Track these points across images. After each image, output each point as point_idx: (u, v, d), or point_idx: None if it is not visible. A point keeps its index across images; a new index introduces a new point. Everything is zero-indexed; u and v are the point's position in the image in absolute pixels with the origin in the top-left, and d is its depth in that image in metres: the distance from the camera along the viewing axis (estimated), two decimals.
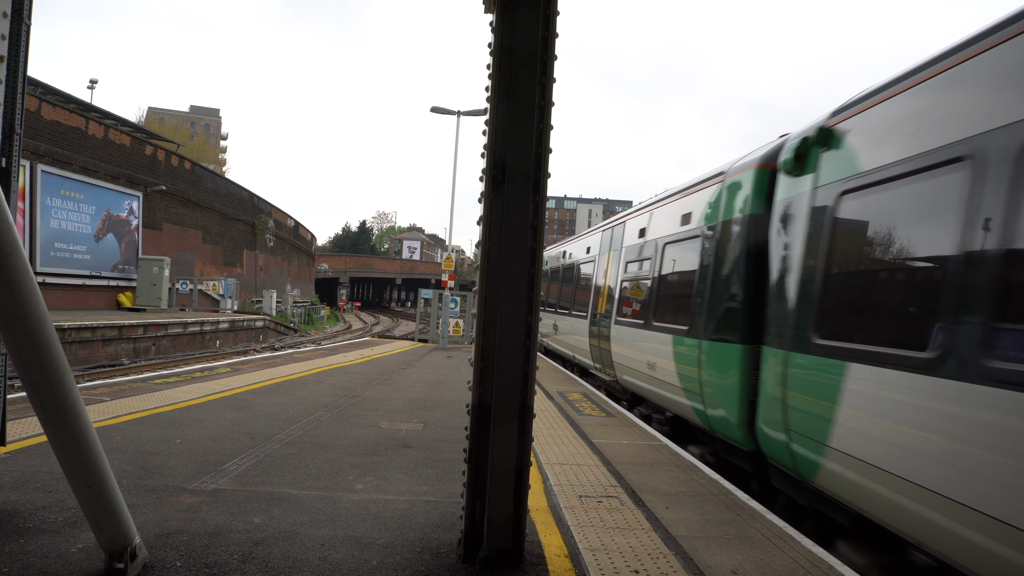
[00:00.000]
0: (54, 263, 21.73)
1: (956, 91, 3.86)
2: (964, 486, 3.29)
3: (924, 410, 3.63)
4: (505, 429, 3.54)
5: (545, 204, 3.60)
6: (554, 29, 3.52)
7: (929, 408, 3.59)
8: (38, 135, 20.85)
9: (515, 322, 3.53)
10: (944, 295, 3.58)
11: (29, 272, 2.71)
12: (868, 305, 4.52)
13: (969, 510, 3.24)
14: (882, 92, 4.55)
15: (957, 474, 3.35)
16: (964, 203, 3.52)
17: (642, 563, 3.76)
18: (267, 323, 29.89)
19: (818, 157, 5.19)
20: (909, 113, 4.26)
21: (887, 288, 4.39)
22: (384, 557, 3.69)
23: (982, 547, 3.19)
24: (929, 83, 4.07)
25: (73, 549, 3.51)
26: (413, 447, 6.44)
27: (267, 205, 44.07)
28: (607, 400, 10.42)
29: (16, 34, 3.85)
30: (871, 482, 4.02)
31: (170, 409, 7.56)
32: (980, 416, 3.26)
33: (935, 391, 3.52)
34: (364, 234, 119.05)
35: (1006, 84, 3.47)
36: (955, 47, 3.91)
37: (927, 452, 3.57)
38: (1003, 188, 3.26)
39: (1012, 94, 3.37)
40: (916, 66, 4.25)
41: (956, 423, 3.40)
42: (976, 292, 3.35)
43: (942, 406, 3.49)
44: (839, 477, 4.39)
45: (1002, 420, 3.11)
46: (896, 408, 3.85)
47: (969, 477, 3.28)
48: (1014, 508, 2.99)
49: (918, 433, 3.65)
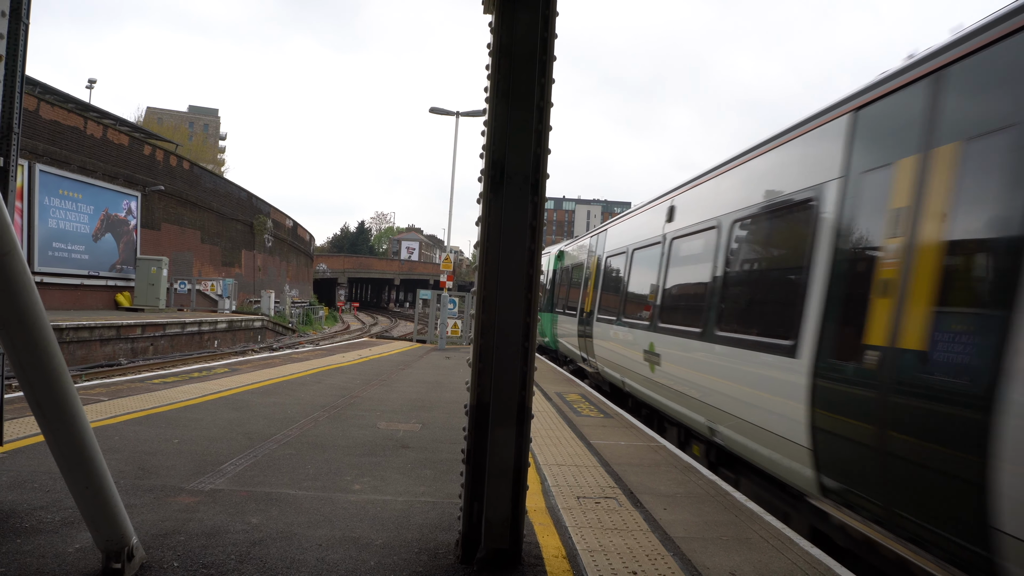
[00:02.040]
0: (52, 263, 21.69)
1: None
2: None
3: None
4: (503, 430, 3.53)
5: (544, 205, 3.60)
6: (553, 30, 3.52)
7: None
8: (36, 134, 20.82)
9: (513, 323, 3.53)
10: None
11: (27, 271, 2.71)
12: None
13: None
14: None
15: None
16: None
17: (640, 564, 3.76)
18: (265, 323, 29.86)
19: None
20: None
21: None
22: (382, 558, 3.68)
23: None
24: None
25: (70, 549, 3.50)
26: (411, 448, 6.43)
27: (265, 205, 44.04)
28: (605, 401, 10.43)
29: (14, 33, 3.85)
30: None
31: (168, 409, 7.54)
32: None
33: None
34: (362, 235, 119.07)
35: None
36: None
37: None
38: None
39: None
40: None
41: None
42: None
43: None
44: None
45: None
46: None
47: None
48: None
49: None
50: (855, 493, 4.17)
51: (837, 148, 4.88)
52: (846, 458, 4.25)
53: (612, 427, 8.11)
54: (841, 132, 4.89)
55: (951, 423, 3.40)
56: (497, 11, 3.50)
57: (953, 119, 3.77)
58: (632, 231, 11.03)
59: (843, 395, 4.32)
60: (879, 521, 4.00)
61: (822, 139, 5.20)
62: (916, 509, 3.63)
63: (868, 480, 4.00)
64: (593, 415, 8.93)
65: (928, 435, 3.55)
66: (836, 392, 4.40)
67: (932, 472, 3.52)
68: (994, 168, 3.41)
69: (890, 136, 4.45)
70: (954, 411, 3.39)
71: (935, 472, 3.50)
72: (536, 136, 3.51)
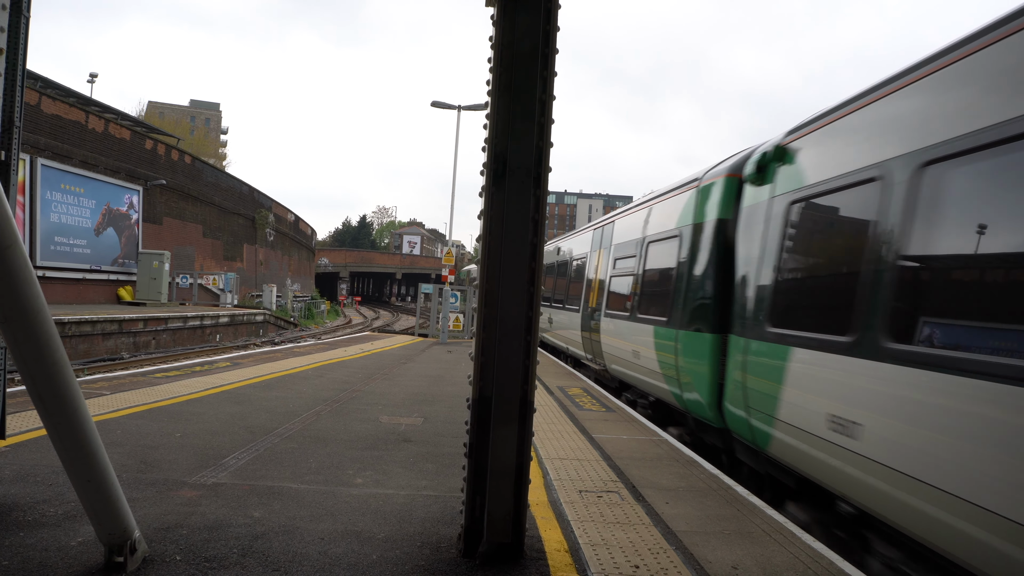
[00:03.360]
0: (54, 257, 21.71)
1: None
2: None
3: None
4: (505, 424, 3.53)
5: (546, 198, 3.59)
6: (555, 23, 3.50)
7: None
8: (38, 129, 20.81)
9: (516, 317, 3.52)
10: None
11: (28, 265, 2.70)
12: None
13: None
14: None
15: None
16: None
17: (642, 558, 3.77)
18: (267, 317, 29.89)
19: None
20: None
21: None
22: (384, 551, 3.69)
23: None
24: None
25: (72, 543, 3.51)
26: (413, 441, 6.44)
27: (267, 199, 44.03)
28: (607, 395, 10.43)
29: (15, 26, 3.83)
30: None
31: (170, 403, 7.56)
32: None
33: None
34: (364, 229, 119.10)
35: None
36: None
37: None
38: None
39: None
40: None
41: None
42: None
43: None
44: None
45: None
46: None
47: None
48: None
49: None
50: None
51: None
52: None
53: (614, 421, 8.11)
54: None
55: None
56: (499, 4, 3.48)
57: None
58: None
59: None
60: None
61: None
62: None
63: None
64: (595, 409, 8.93)
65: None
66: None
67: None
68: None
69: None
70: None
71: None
72: (538, 129, 3.49)
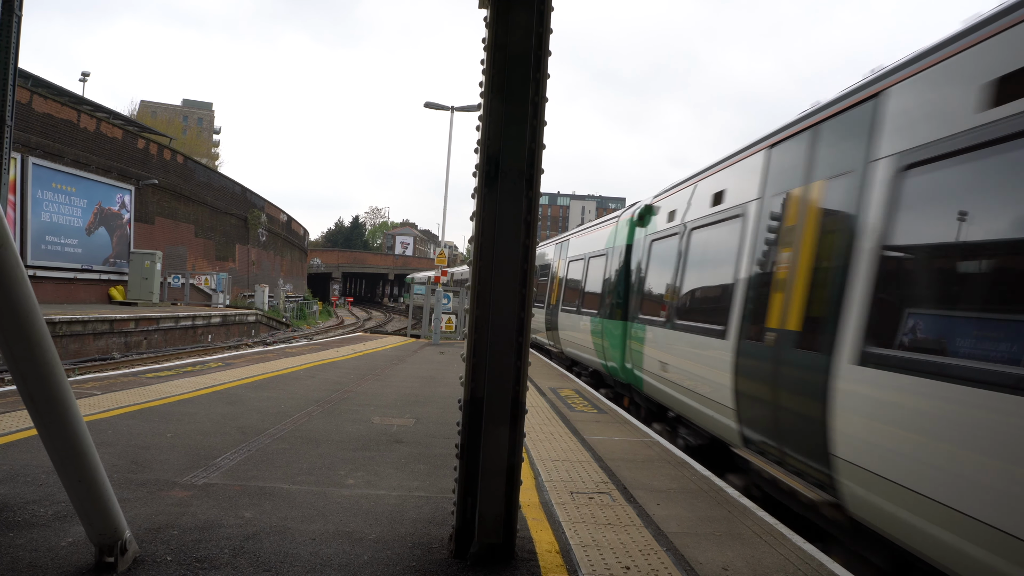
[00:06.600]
0: (45, 256, 21.57)
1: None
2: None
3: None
4: (497, 425, 3.54)
5: (539, 200, 3.60)
6: (548, 25, 3.52)
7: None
8: (29, 128, 20.67)
9: (508, 318, 3.54)
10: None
11: (20, 265, 2.70)
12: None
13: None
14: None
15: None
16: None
17: (633, 559, 3.78)
18: (259, 318, 29.77)
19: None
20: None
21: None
22: (375, 552, 3.69)
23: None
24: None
25: (63, 543, 3.50)
26: (405, 442, 6.44)
27: (260, 199, 43.87)
28: (599, 397, 10.45)
29: (7, 25, 3.83)
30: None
31: (161, 403, 7.53)
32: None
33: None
34: (357, 229, 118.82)
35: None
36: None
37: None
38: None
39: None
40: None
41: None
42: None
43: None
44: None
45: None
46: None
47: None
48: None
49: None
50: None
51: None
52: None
53: (606, 422, 8.13)
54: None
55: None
56: (492, 6, 3.49)
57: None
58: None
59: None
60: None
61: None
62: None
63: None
64: (587, 410, 8.95)
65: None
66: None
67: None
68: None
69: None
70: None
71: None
72: (531, 131, 3.51)
